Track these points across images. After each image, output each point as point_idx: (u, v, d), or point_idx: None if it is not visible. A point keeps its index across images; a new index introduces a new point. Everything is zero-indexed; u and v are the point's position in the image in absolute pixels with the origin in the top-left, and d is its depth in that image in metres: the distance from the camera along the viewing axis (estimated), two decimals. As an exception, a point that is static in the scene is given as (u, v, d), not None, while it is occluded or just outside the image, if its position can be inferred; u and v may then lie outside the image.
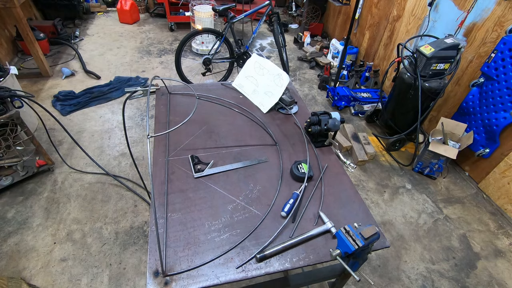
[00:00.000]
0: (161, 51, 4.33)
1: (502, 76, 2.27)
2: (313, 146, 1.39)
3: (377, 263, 2.04)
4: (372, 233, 0.88)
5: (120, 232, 2.06)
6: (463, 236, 2.28)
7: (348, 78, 3.88)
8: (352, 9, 4.18)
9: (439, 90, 2.49)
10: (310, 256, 0.96)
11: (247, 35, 4.97)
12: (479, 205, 2.52)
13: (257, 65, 1.66)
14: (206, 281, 0.87)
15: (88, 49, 4.23)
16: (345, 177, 1.26)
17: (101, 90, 3.37)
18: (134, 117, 3.10)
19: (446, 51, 2.36)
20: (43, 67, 3.49)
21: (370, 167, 2.78)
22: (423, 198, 2.53)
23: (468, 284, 1.98)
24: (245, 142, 1.38)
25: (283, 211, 1.06)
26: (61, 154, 2.56)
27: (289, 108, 1.58)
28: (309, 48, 4.48)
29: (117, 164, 2.55)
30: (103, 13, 5.36)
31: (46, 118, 2.63)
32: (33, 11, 4.38)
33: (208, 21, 4.09)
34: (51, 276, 1.80)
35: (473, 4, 2.48)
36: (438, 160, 2.56)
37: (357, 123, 3.33)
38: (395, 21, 3.46)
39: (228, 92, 1.71)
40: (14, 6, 2.94)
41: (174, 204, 1.07)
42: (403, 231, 2.26)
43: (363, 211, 1.12)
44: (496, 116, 2.36)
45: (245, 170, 1.24)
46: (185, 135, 1.38)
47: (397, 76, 2.76)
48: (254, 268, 0.91)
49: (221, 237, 0.98)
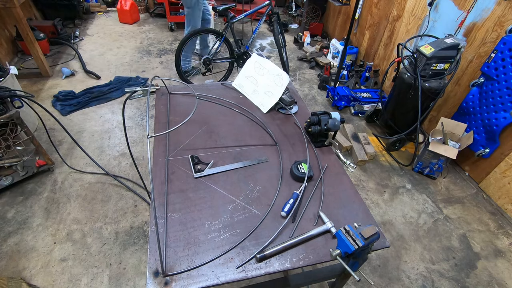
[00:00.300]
0: (161, 51, 4.33)
1: (502, 76, 2.27)
2: (313, 146, 1.39)
3: (377, 263, 2.04)
4: (372, 233, 0.88)
5: (120, 232, 2.06)
6: (463, 236, 2.28)
7: (348, 78, 3.88)
8: (352, 9, 4.18)
9: (439, 90, 2.49)
10: (310, 256, 0.96)
11: (247, 35, 4.97)
12: (479, 205, 2.52)
13: (257, 65, 1.66)
14: (206, 281, 0.87)
15: (88, 49, 4.23)
16: (345, 177, 1.26)
17: (101, 90, 3.37)
18: (134, 117, 3.10)
19: (446, 51, 2.36)
20: (43, 67, 3.49)
21: (370, 167, 2.78)
22: (423, 198, 2.53)
23: (468, 284, 1.98)
24: (245, 142, 1.38)
25: (283, 211, 1.06)
26: (61, 154, 2.56)
27: (289, 108, 1.58)
28: (309, 48, 4.48)
29: (117, 164, 2.55)
30: (103, 13, 5.36)
31: (46, 118, 2.63)
32: (33, 11, 4.39)
33: (208, 21, 4.09)
34: (51, 276, 1.80)
35: (473, 4, 2.48)
36: (438, 160, 2.56)
37: (357, 123, 3.33)
38: (395, 21, 3.46)
39: (228, 92, 1.71)
40: (14, 6, 2.94)
41: (174, 204, 1.07)
42: (403, 231, 2.26)
43: (363, 211, 1.12)
44: (496, 116, 2.36)
45: (245, 170, 1.24)
46: (185, 135, 1.38)
47: (397, 76, 2.76)
48: (254, 268, 0.91)
49: (221, 237, 0.98)
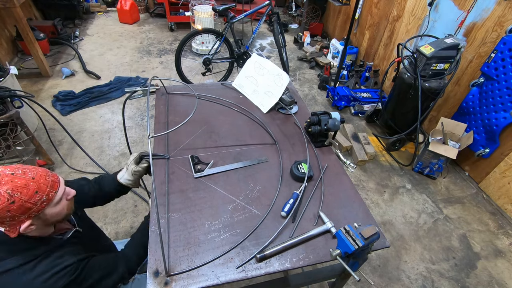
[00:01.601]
0: (161, 51, 4.33)
1: (502, 76, 2.27)
2: (313, 146, 1.39)
3: (377, 263, 2.04)
4: (372, 233, 0.88)
5: (120, 232, 2.06)
6: (463, 236, 2.28)
7: (348, 78, 3.88)
8: (352, 9, 4.18)
9: (439, 90, 2.49)
10: (310, 256, 0.96)
11: (247, 35, 4.96)
12: (479, 205, 2.52)
13: (257, 65, 1.66)
14: (206, 281, 0.87)
15: (88, 49, 4.23)
16: (345, 177, 1.26)
17: (101, 90, 3.37)
18: (134, 117, 3.10)
19: (446, 51, 2.36)
20: (43, 67, 3.49)
21: (370, 167, 2.78)
22: (423, 198, 2.53)
23: (468, 284, 1.98)
24: (245, 142, 1.38)
25: (283, 211, 1.06)
26: (61, 154, 2.56)
27: (289, 108, 1.58)
28: (309, 48, 4.48)
29: (117, 164, 2.55)
30: (103, 13, 5.36)
31: (46, 118, 2.63)
32: (33, 11, 4.38)
33: (208, 21, 4.09)
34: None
35: (473, 4, 2.48)
36: (438, 160, 2.56)
37: (357, 123, 3.33)
38: (395, 21, 3.46)
39: (228, 92, 1.71)
40: (14, 6, 2.93)
41: (174, 204, 1.07)
42: (403, 231, 2.26)
43: (363, 211, 1.12)
44: (496, 116, 2.36)
45: (245, 170, 1.24)
46: (185, 135, 1.38)
47: (397, 76, 2.76)
48: (254, 268, 0.91)
49: (221, 237, 0.98)
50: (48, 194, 0.86)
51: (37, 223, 0.87)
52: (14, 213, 0.80)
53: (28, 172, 0.84)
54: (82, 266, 0.92)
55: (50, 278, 0.86)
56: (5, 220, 0.81)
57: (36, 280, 0.85)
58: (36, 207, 0.84)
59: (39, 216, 0.86)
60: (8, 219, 0.81)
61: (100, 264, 0.99)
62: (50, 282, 0.86)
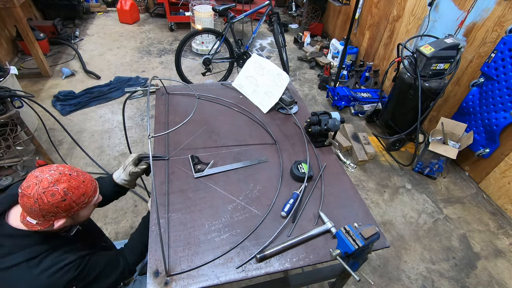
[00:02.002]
0: (161, 51, 4.33)
1: (502, 76, 2.26)
2: (313, 146, 1.39)
3: (377, 263, 2.04)
4: (372, 233, 0.88)
5: (120, 232, 2.06)
6: (463, 236, 2.27)
7: (348, 78, 3.88)
8: (352, 9, 4.18)
9: (439, 90, 2.49)
10: (310, 256, 0.96)
11: (247, 35, 4.96)
12: (479, 205, 2.52)
13: (257, 65, 1.66)
14: (206, 281, 0.87)
15: (88, 49, 4.23)
16: (345, 177, 1.26)
17: (101, 90, 3.37)
18: (134, 117, 3.10)
19: (446, 51, 2.36)
20: (43, 67, 3.49)
21: (370, 167, 2.78)
22: (423, 198, 2.53)
23: (468, 284, 1.98)
24: (245, 142, 1.38)
25: (283, 211, 1.06)
26: (61, 154, 2.56)
27: (289, 108, 1.58)
28: (309, 48, 4.48)
29: (117, 164, 2.55)
30: (103, 13, 5.36)
31: (46, 118, 2.63)
32: (33, 11, 4.38)
33: (208, 21, 4.09)
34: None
35: (473, 4, 2.48)
36: (438, 160, 2.56)
37: (357, 123, 3.33)
38: (395, 21, 3.46)
39: (228, 92, 1.71)
40: (14, 6, 2.93)
41: (174, 204, 1.07)
42: (403, 231, 2.26)
43: (363, 211, 1.12)
44: (496, 116, 2.36)
45: (245, 170, 1.24)
46: (185, 135, 1.38)
47: (397, 76, 2.76)
48: (254, 268, 0.91)
49: (221, 237, 0.98)
50: (89, 197, 0.94)
51: (69, 222, 0.93)
52: (60, 210, 0.86)
53: (80, 175, 0.92)
54: (84, 262, 0.94)
55: (55, 273, 0.88)
56: (47, 214, 0.85)
57: (42, 274, 0.87)
58: (77, 207, 0.91)
59: (73, 216, 0.92)
60: (51, 214, 0.86)
61: (101, 261, 1.01)
62: (55, 277, 0.88)
